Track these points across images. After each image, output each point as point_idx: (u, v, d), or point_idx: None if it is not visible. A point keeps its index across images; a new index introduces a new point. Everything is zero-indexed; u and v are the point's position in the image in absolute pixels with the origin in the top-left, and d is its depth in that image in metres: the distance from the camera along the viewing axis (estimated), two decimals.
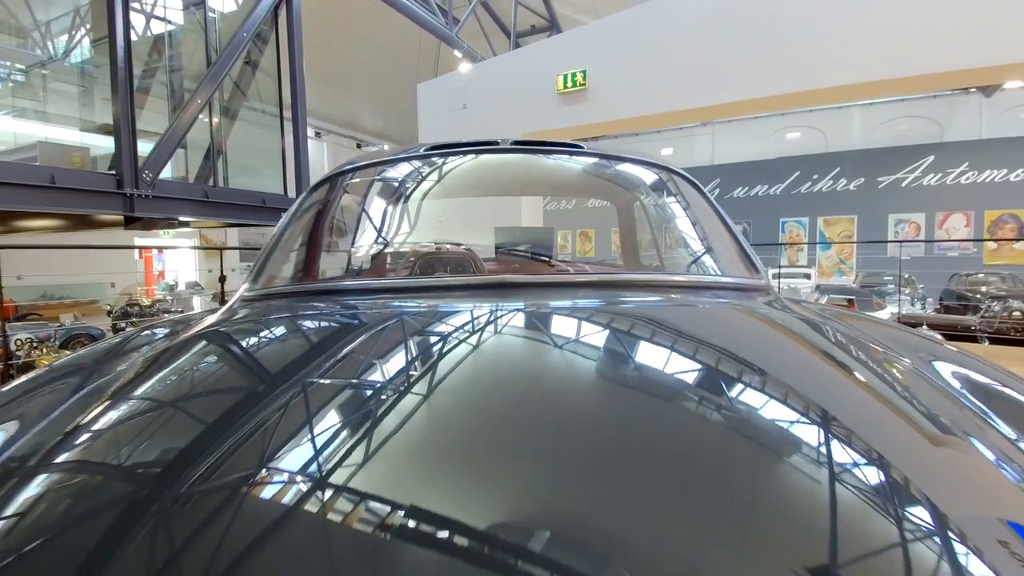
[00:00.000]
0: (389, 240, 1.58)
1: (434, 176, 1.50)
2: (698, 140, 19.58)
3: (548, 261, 1.37)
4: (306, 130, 8.78)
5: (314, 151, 14.76)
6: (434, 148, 1.38)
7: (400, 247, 1.61)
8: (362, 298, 1.00)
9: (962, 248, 15.85)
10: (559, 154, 1.44)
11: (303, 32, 8.82)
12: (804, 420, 0.57)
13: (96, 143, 6.94)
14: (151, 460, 0.52)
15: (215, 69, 7.18)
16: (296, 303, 1.04)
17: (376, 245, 1.58)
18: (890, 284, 12.63)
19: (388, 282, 1.19)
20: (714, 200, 1.37)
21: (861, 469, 0.50)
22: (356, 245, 1.55)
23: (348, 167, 1.44)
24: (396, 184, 1.56)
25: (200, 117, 7.17)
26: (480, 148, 1.36)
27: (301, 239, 1.32)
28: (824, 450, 0.52)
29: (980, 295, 9.65)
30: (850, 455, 0.52)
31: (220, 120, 7.93)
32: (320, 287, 1.18)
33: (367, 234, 1.55)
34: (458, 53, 14.88)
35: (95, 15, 7.68)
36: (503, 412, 0.56)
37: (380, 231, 1.56)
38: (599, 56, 7.76)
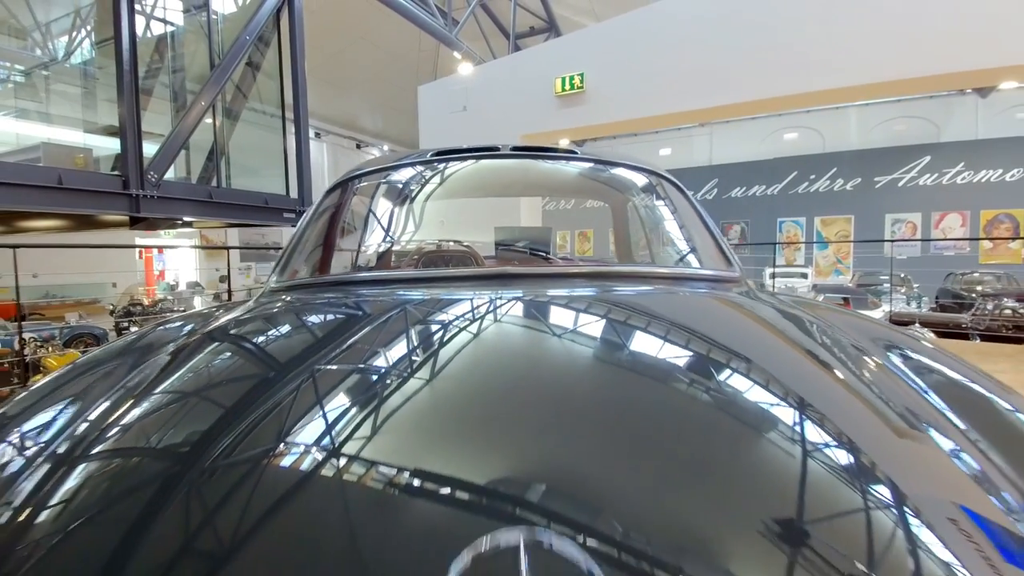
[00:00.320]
0: (399, 238, 1.71)
1: (440, 179, 1.62)
2: (696, 141, 19.69)
3: (545, 257, 1.49)
4: (308, 131, 8.86)
5: (314, 152, 14.84)
6: (440, 153, 1.49)
7: (409, 244, 1.73)
8: (376, 288, 1.10)
9: (958, 248, 15.94)
10: (555, 159, 1.56)
11: (304, 33, 8.90)
12: (762, 390, 0.67)
13: (99, 144, 7.01)
14: (210, 427, 0.61)
15: (218, 71, 7.26)
16: (318, 293, 1.15)
17: (387, 242, 1.70)
18: (886, 283, 12.74)
19: (399, 274, 1.30)
20: (696, 200, 1.49)
21: (812, 432, 0.59)
22: (370, 242, 1.67)
23: (361, 171, 1.56)
24: (405, 187, 1.68)
25: (203, 119, 7.26)
26: (482, 154, 1.47)
27: (320, 236, 1.43)
28: (780, 415, 0.62)
29: (975, 294, 9.76)
30: (803, 420, 0.62)
31: (223, 121, 8.01)
32: (339, 279, 1.30)
33: (379, 232, 1.67)
34: (457, 54, 14.96)
35: (99, 17, 7.77)
36: (504, 383, 0.66)
37: (391, 230, 1.69)
38: (596, 59, 7.88)
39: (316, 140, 21.05)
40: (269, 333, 0.91)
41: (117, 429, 0.64)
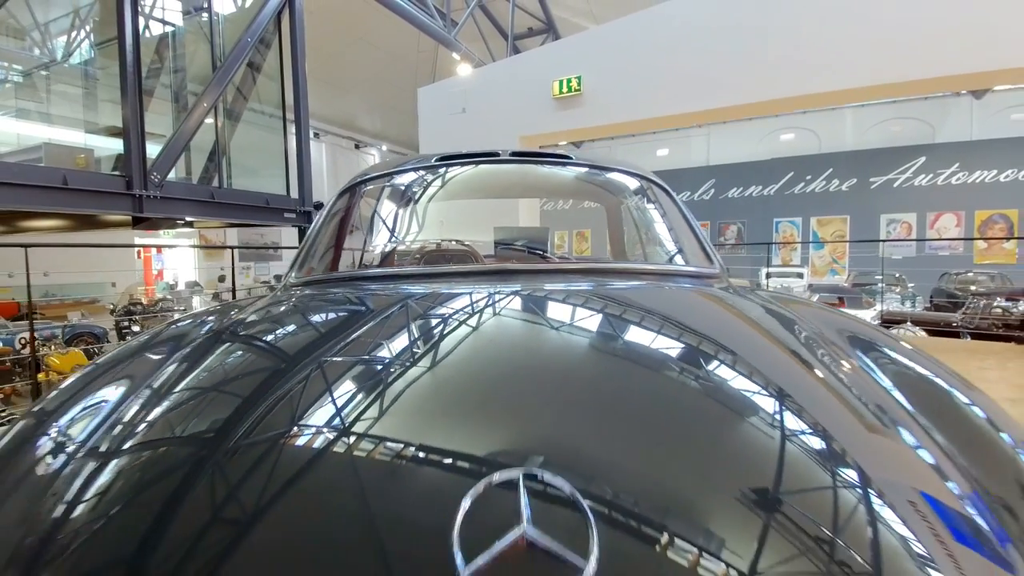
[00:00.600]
0: (406, 237, 1.82)
1: (443, 182, 1.73)
2: (694, 141, 19.80)
3: (542, 255, 1.60)
4: (308, 132, 8.92)
5: (313, 152, 14.92)
6: (443, 158, 1.60)
7: (415, 243, 1.84)
8: (386, 284, 1.20)
9: (952, 248, 16.06)
10: (550, 164, 1.67)
11: (304, 35, 8.96)
12: (732, 373, 0.76)
13: (99, 144, 7.07)
14: (254, 405, 0.69)
15: (220, 73, 7.33)
16: (335, 288, 1.25)
17: (395, 241, 1.81)
18: (881, 283, 12.86)
19: (406, 270, 1.41)
20: (682, 202, 1.59)
21: (773, 407, 0.68)
22: (379, 241, 1.78)
23: (369, 176, 1.67)
24: (411, 190, 1.79)
25: (205, 120, 7.32)
26: (482, 159, 1.58)
27: (334, 236, 1.53)
28: (746, 394, 0.71)
29: (969, 293, 9.88)
30: (766, 398, 0.70)
31: (224, 122, 8.08)
32: (351, 275, 1.40)
33: (387, 232, 1.78)
34: (456, 55, 15.04)
35: (102, 18, 7.83)
36: (503, 365, 0.75)
37: (399, 229, 1.80)
38: (593, 62, 8.00)
39: (315, 140, 21.10)
40: (295, 324, 1.01)
41: (170, 410, 0.72)
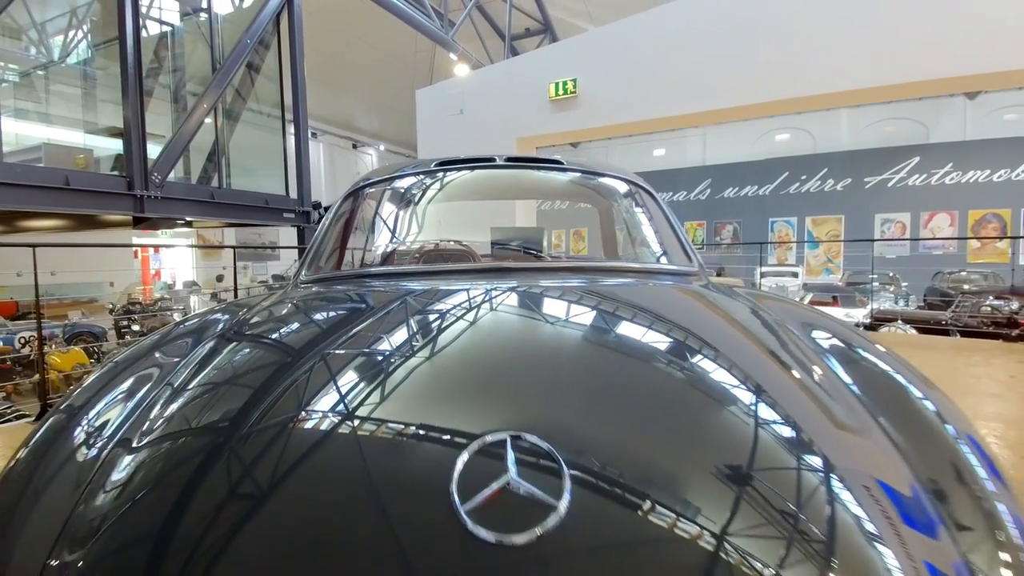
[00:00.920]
0: (409, 237, 1.92)
1: (442, 185, 1.83)
2: (690, 141, 19.91)
3: (536, 254, 1.70)
4: (307, 132, 8.98)
5: (311, 151, 14.97)
6: (442, 163, 1.70)
7: (416, 243, 1.93)
8: (391, 281, 1.30)
9: (946, 247, 16.19)
10: (543, 169, 1.79)
11: (303, 36, 9.02)
12: (706, 360, 0.85)
13: (99, 144, 7.11)
14: (272, 388, 0.77)
15: (220, 74, 7.39)
16: (342, 285, 1.35)
17: (398, 241, 1.91)
18: (874, 282, 13.00)
19: (410, 268, 1.53)
20: (665, 204, 1.70)
21: (733, 384, 0.77)
22: (383, 240, 1.89)
23: (372, 180, 1.78)
24: (413, 192, 1.88)
25: (205, 120, 7.38)
26: (479, 164, 1.69)
27: (340, 236, 1.63)
28: (715, 376, 0.80)
29: (962, 292, 10.01)
30: (730, 379, 0.79)
31: (223, 122, 8.14)
32: (358, 273, 1.50)
33: (391, 232, 1.88)
34: (453, 56, 15.11)
35: (101, 19, 7.87)
36: (499, 351, 0.84)
37: (401, 230, 1.90)
38: (588, 65, 8.12)
39: (313, 140, 21.13)
40: (311, 318, 1.11)
41: (205, 394, 0.80)
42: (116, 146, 6.70)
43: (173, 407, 0.77)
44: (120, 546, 0.57)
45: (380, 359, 0.81)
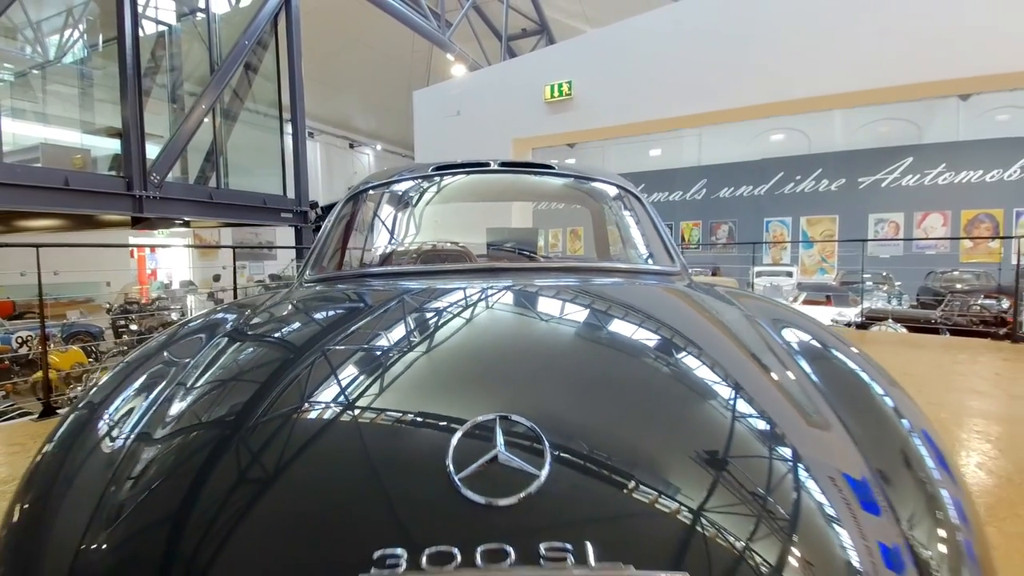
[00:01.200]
0: (409, 238, 2.00)
1: (439, 188, 1.92)
2: (686, 142, 20.02)
3: (528, 255, 1.78)
4: (305, 132, 9.02)
5: (308, 151, 14.97)
6: (440, 168, 1.79)
7: (417, 244, 2.01)
8: (391, 280, 1.38)
9: (940, 247, 16.33)
10: (535, 174, 1.88)
11: (301, 36, 9.06)
12: (676, 348, 0.93)
13: (96, 144, 7.14)
14: (278, 378, 0.84)
15: (218, 75, 7.43)
16: (345, 284, 1.43)
17: (399, 242, 1.99)
18: (868, 282, 13.13)
19: (410, 268, 1.62)
20: (650, 206, 1.78)
21: (706, 373, 0.85)
22: (384, 241, 1.97)
23: (372, 184, 1.86)
24: (411, 195, 1.97)
25: (203, 121, 7.42)
26: (474, 169, 1.78)
27: (342, 238, 1.70)
28: (686, 364, 0.88)
29: (948, 291, 10.12)
30: (703, 367, 0.87)
31: (221, 123, 8.18)
32: (360, 272, 1.58)
33: (391, 233, 1.96)
34: (450, 56, 15.16)
35: (99, 19, 7.89)
36: (488, 344, 0.92)
37: (401, 231, 1.99)
38: (583, 68, 8.21)
39: (310, 139, 21.11)
40: (319, 315, 1.18)
41: (223, 387, 0.86)
42: (113, 146, 6.73)
43: (192, 399, 0.82)
44: (149, 526, 0.62)
45: (384, 352, 0.88)
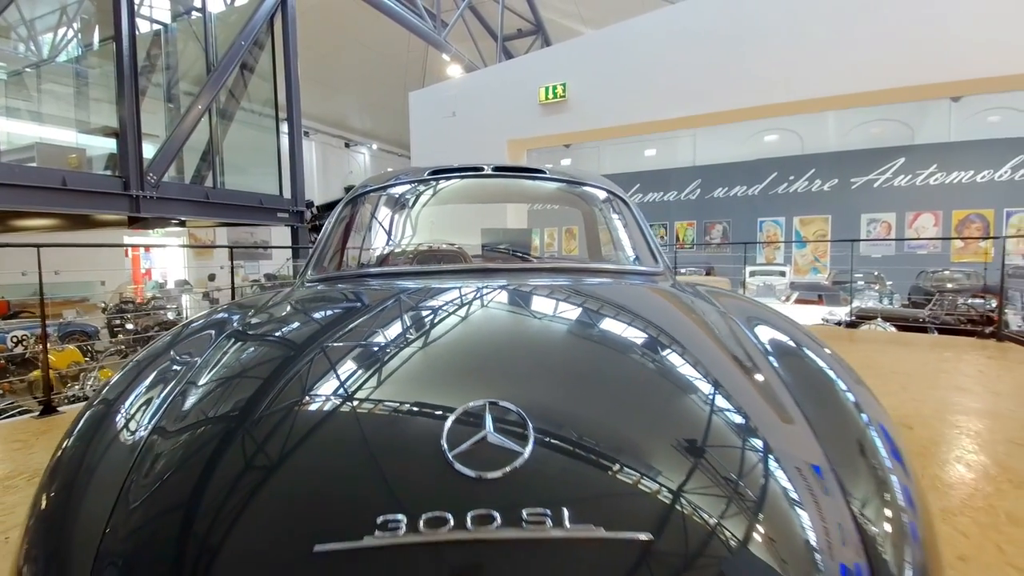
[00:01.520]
0: (406, 239, 2.07)
1: (437, 191, 1.99)
2: (680, 142, 20.15)
3: (520, 256, 1.86)
4: (301, 132, 9.05)
5: (303, 150, 14.95)
6: (436, 172, 1.88)
7: (414, 244, 2.09)
8: (387, 280, 1.45)
9: (932, 247, 16.48)
10: (526, 178, 1.96)
11: (297, 36, 9.08)
12: (656, 342, 1.01)
13: (91, 143, 7.14)
14: (285, 372, 0.90)
15: (215, 75, 7.46)
16: (344, 284, 1.50)
17: (397, 242, 2.06)
18: (860, 281, 13.27)
19: (407, 268, 1.69)
20: (636, 209, 1.86)
21: (682, 364, 0.92)
22: (383, 242, 2.04)
23: (370, 187, 1.93)
24: (408, 197, 2.04)
25: (199, 121, 7.44)
26: (469, 173, 1.87)
27: (342, 239, 1.77)
28: (664, 356, 0.95)
29: (936, 291, 10.25)
30: (677, 361, 0.94)
31: (217, 122, 8.20)
32: (359, 272, 1.65)
33: (391, 234, 2.03)
34: (446, 56, 15.20)
35: (94, 18, 7.89)
36: (480, 338, 0.99)
37: (400, 232, 2.06)
38: (577, 70, 8.30)
39: (305, 139, 21.02)
40: (318, 313, 1.25)
41: (229, 379, 0.92)
42: (108, 145, 6.74)
43: (205, 392, 0.87)
44: (171, 507, 0.66)
45: (384, 347, 0.95)
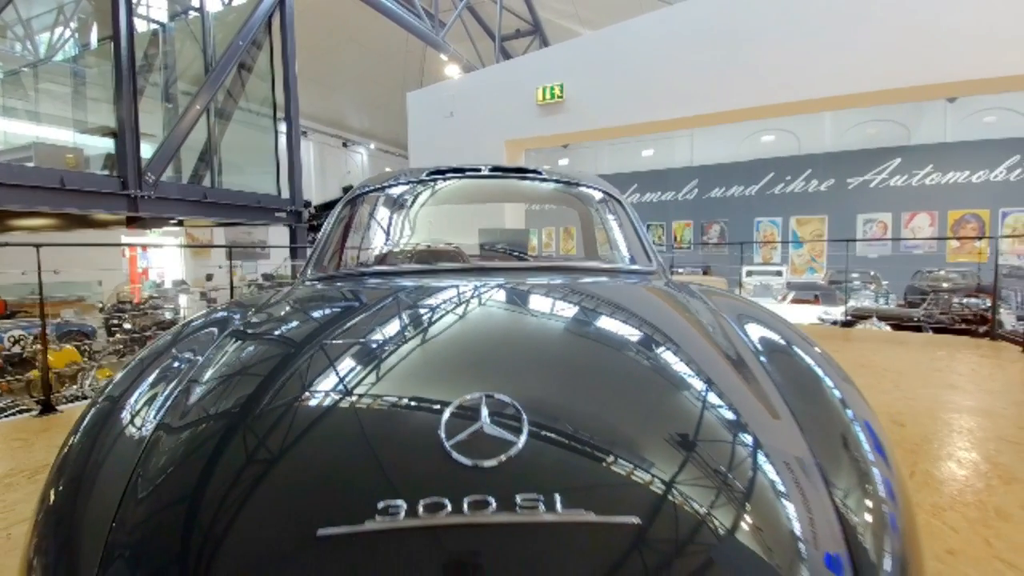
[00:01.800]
0: (405, 238, 2.10)
1: (435, 191, 2.02)
2: (678, 143, 20.22)
3: (517, 255, 1.89)
4: (299, 132, 9.06)
5: (301, 149, 14.95)
6: (434, 172, 1.91)
7: (412, 243, 2.11)
8: (386, 279, 1.49)
9: (928, 247, 16.57)
10: (523, 179, 1.99)
11: (295, 36, 9.09)
12: (647, 339, 1.04)
13: (88, 143, 7.14)
14: (288, 367, 0.93)
15: (213, 75, 7.46)
16: (344, 283, 1.53)
17: (396, 242, 2.08)
18: (856, 281, 13.34)
19: (406, 267, 1.72)
20: (631, 209, 1.89)
21: (671, 360, 0.95)
22: (382, 241, 2.06)
23: (369, 188, 1.97)
24: (406, 197, 2.07)
25: (198, 120, 7.44)
26: (466, 174, 1.90)
27: (341, 239, 1.79)
28: (655, 351, 0.98)
29: (931, 291, 10.32)
30: (667, 357, 0.97)
31: (215, 122, 8.20)
32: (360, 271, 1.67)
33: (388, 234, 2.06)
34: (444, 56, 15.22)
35: (92, 18, 7.89)
36: (477, 333, 1.02)
37: (398, 231, 2.08)
38: (575, 71, 8.34)
39: (303, 139, 21.03)
40: (319, 311, 1.28)
41: (232, 376, 0.94)
42: (105, 145, 6.75)
43: (209, 388, 0.89)
44: (178, 498, 0.68)
45: (383, 343, 0.98)
